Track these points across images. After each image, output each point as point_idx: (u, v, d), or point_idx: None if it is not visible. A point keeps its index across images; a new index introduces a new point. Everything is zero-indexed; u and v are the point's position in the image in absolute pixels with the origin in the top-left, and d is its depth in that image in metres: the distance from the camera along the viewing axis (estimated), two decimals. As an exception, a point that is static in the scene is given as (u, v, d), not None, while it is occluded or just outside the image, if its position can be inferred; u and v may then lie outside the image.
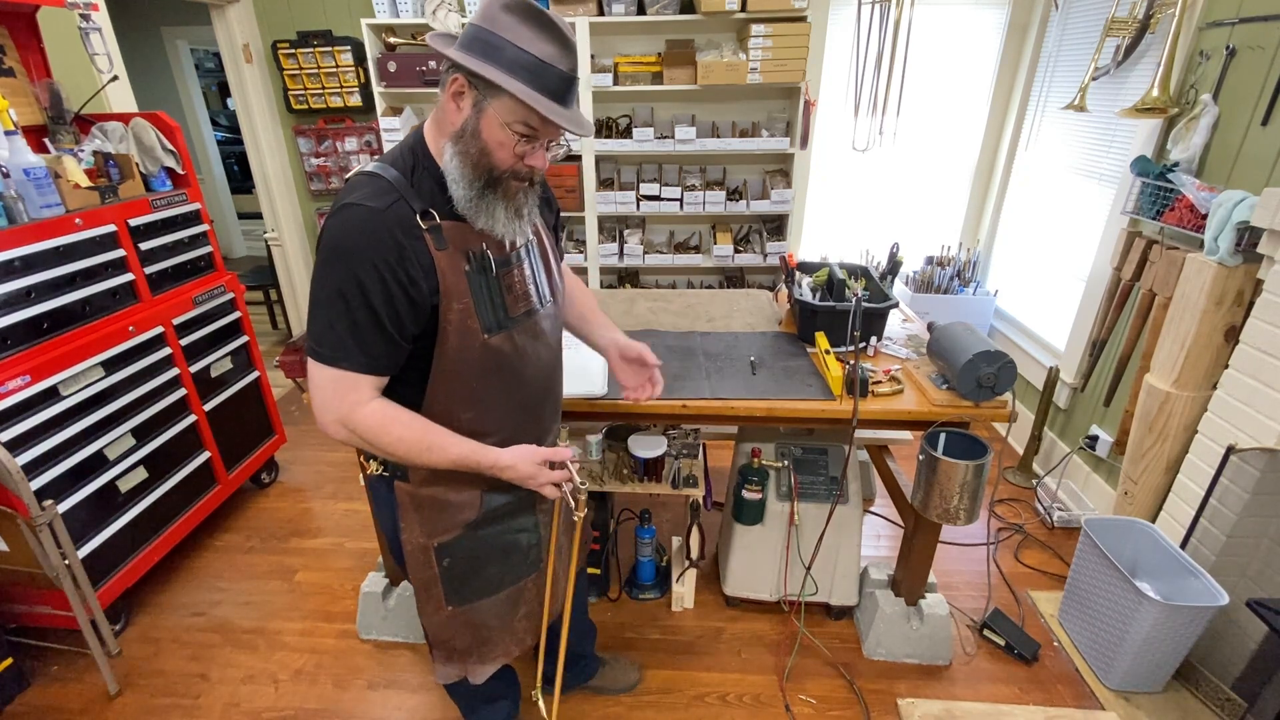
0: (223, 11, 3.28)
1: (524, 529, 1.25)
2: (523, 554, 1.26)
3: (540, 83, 0.91)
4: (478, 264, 1.03)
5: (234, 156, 6.31)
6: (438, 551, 1.17)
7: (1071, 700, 1.77)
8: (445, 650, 1.29)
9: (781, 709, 1.75)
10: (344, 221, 0.93)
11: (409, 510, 1.15)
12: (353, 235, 0.92)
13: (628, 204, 3.16)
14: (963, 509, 1.49)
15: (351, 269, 0.92)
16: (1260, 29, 1.79)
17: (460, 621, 1.24)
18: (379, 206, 0.93)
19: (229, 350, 2.39)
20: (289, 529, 2.48)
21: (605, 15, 2.85)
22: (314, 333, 0.98)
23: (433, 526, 1.15)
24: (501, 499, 1.19)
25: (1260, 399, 1.60)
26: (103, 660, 1.78)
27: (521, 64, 0.90)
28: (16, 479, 1.56)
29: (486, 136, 0.95)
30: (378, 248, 0.92)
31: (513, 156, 0.96)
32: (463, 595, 1.22)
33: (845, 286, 1.87)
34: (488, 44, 0.91)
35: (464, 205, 0.99)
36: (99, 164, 2.01)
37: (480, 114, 0.94)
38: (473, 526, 1.18)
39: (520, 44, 0.90)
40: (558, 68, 0.92)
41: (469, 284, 1.01)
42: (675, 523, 2.45)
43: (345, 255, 0.92)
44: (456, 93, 0.94)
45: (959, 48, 3.12)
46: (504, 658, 1.33)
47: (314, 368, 0.99)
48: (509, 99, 0.92)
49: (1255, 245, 1.66)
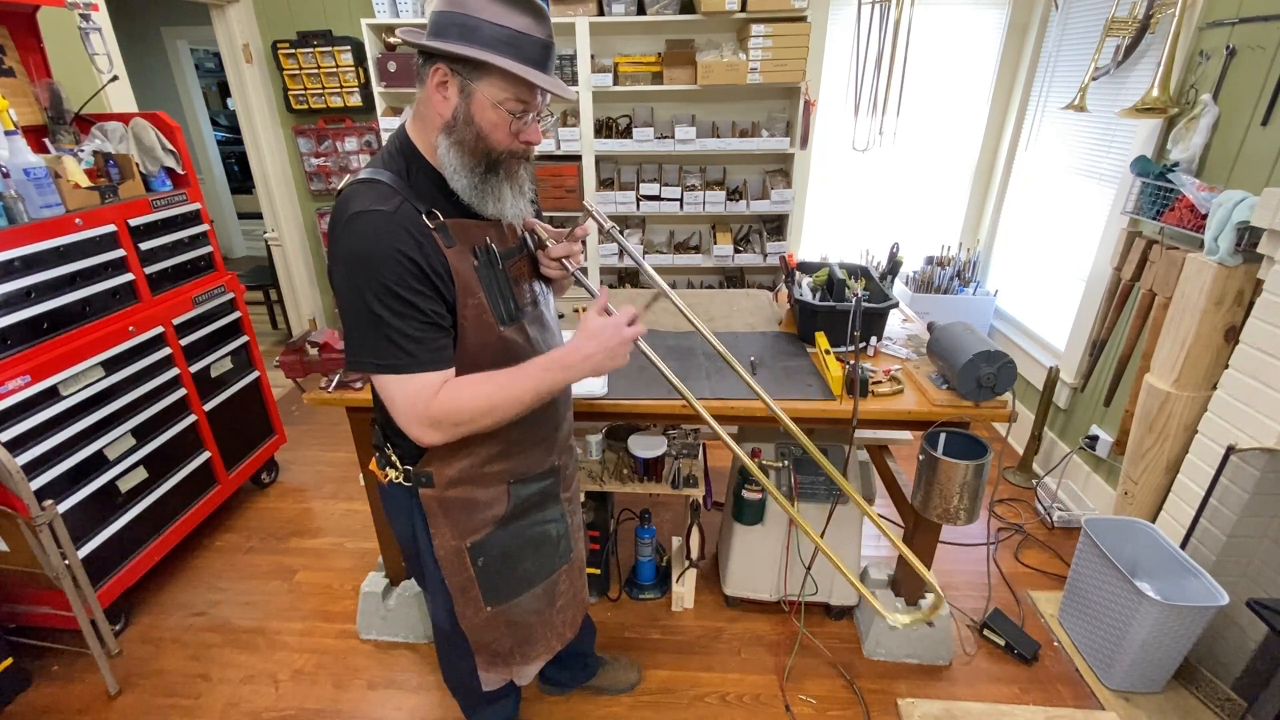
0: (223, 11, 3.28)
1: (552, 519, 1.26)
2: (553, 545, 1.27)
3: (522, 54, 0.91)
4: (485, 258, 1.03)
5: (234, 156, 6.32)
6: (471, 552, 1.16)
7: (1071, 700, 1.77)
8: (488, 655, 1.29)
9: (781, 709, 1.75)
10: (359, 230, 0.92)
11: (437, 515, 1.14)
12: (371, 241, 0.91)
13: (628, 204, 3.16)
14: (963, 509, 1.49)
15: (380, 275, 0.91)
16: (1260, 29, 1.79)
17: (501, 622, 1.25)
18: (388, 210, 0.93)
19: (229, 350, 2.39)
20: (289, 529, 2.48)
21: (605, 15, 2.85)
22: (366, 349, 0.95)
23: (464, 527, 1.15)
24: (528, 489, 1.19)
25: (1260, 399, 1.60)
26: (103, 660, 1.78)
27: (501, 39, 0.90)
28: (16, 479, 1.56)
29: (480, 120, 0.94)
30: (398, 246, 0.92)
31: (509, 135, 0.96)
32: (500, 594, 1.22)
33: (845, 286, 1.87)
34: (463, 26, 0.90)
35: (469, 195, 0.99)
36: (99, 164, 2.01)
37: (469, 99, 0.93)
38: (503, 522, 1.18)
39: (495, 20, 0.89)
40: (535, 36, 0.92)
41: (479, 278, 1.01)
42: (675, 523, 2.45)
43: (370, 263, 0.91)
44: (440, 83, 0.93)
45: (959, 48, 3.12)
46: (546, 654, 1.34)
47: (383, 382, 0.97)
48: (496, 78, 0.91)
49: (1255, 245, 1.66)
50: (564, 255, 1.15)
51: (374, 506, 1.84)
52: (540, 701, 1.76)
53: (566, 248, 1.15)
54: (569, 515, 1.31)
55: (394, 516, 1.25)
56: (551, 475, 1.25)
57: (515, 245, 1.11)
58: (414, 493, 1.14)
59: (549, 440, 1.22)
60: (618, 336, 1.00)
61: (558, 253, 1.14)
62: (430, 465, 1.10)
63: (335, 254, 0.95)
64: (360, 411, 1.68)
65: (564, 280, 1.23)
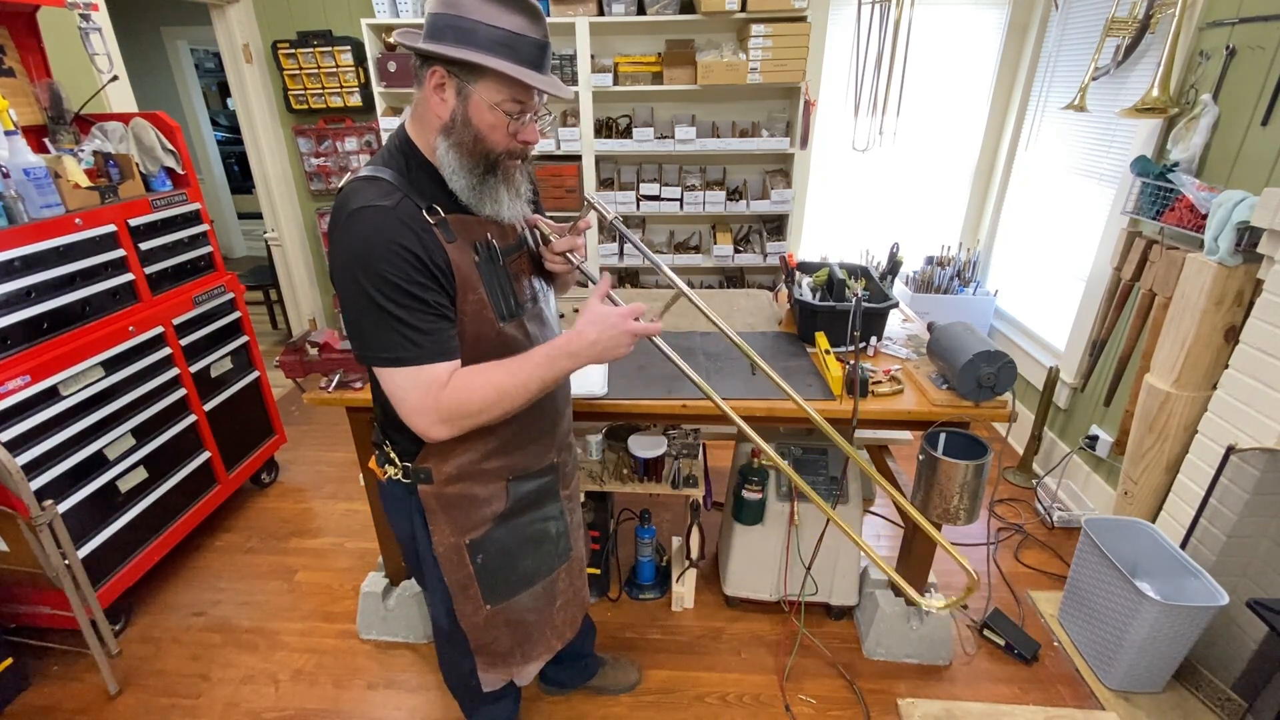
0: (223, 11, 3.28)
1: (551, 517, 1.26)
2: (552, 543, 1.27)
3: (518, 55, 0.91)
4: (485, 254, 1.03)
5: (234, 156, 6.31)
6: (470, 549, 1.17)
7: (1071, 700, 1.77)
8: (488, 656, 1.29)
9: (781, 709, 1.75)
10: (359, 225, 0.92)
11: (436, 512, 1.14)
12: (371, 236, 0.92)
13: (628, 204, 3.16)
14: (963, 509, 1.49)
15: (380, 268, 0.91)
16: (1260, 29, 1.79)
17: (500, 621, 1.25)
18: (388, 204, 0.93)
19: (229, 350, 2.39)
20: (289, 529, 2.48)
21: (605, 15, 2.85)
22: (374, 343, 0.95)
23: (462, 524, 1.15)
24: (527, 486, 1.20)
25: (1260, 399, 1.60)
26: (103, 660, 1.78)
27: (497, 41, 0.90)
28: (16, 479, 1.56)
29: (477, 122, 0.95)
30: (399, 239, 0.92)
31: (506, 136, 0.97)
32: (499, 592, 1.22)
33: (845, 286, 1.87)
34: (458, 29, 0.90)
35: (467, 195, 0.99)
36: (99, 164, 2.01)
37: (466, 101, 0.94)
38: (502, 519, 1.18)
39: (490, 21, 0.89)
40: (531, 37, 0.92)
41: (480, 274, 1.02)
42: (675, 523, 2.45)
43: (371, 257, 0.91)
44: (437, 85, 0.94)
45: (959, 48, 3.12)
46: (546, 654, 1.34)
47: (389, 376, 0.96)
48: (492, 80, 0.92)
49: (1255, 245, 1.66)
50: (567, 249, 1.15)
51: (374, 506, 1.84)
52: (540, 701, 1.76)
53: (569, 241, 1.15)
54: (568, 513, 1.31)
55: (393, 514, 1.25)
56: (550, 472, 1.25)
57: (515, 241, 1.11)
58: (412, 489, 1.14)
59: (548, 437, 1.23)
60: (621, 325, 1.00)
61: (561, 247, 1.15)
62: (428, 461, 1.10)
63: (336, 251, 0.95)
64: (360, 411, 1.68)
65: (567, 276, 1.24)
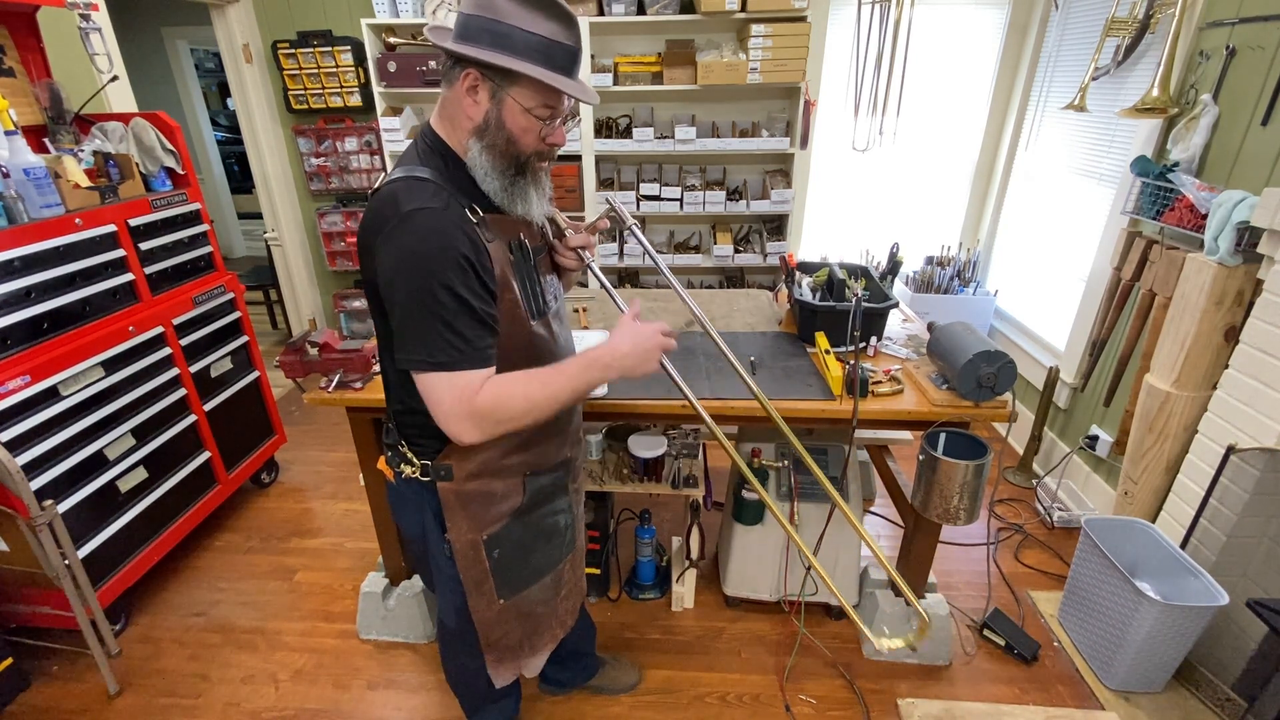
0: (223, 11, 3.28)
1: (560, 510, 1.27)
2: (561, 535, 1.28)
3: (553, 62, 0.92)
4: (519, 253, 1.05)
5: (234, 156, 6.31)
6: (487, 544, 1.17)
7: (1071, 700, 1.77)
8: (498, 651, 1.30)
9: (781, 709, 1.75)
10: (416, 228, 0.92)
11: (455, 508, 1.14)
12: (429, 239, 0.92)
13: (628, 204, 3.16)
14: (963, 509, 1.49)
15: (440, 274, 0.92)
16: (1260, 29, 1.79)
17: (512, 614, 1.26)
18: (439, 206, 0.93)
19: (229, 350, 2.39)
20: (289, 529, 2.48)
21: (605, 15, 2.85)
22: (420, 345, 0.95)
23: (480, 520, 1.16)
24: (542, 481, 1.21)
25: (1260, 399, 1.60)
26: (103, 660, 1.78)
27: (533, 47, 0.91)
28: (16, 479, 1.56)
29: (511, 125, 0.96)
30: (455, 244, 0.93)
31: (537, 140, 0.99)
32: (513, 586, 1.23)
33: (845, 286, 1.87)
34: (495, 33, 0.90)
35: (500, 197, 1.01)
36: (99, 164, 2.01)
37: (500, 104, 0.95)
38: (518, 514, 1.19)
39: (526, 27, 0.90)
40: (566, 44, 0.93)
41: (514, 273, 1.03)
42: (675, 523, 2.45)
43: (429, 259, 0.92)
44: (471, 87, 0.94)
45: (959, 48, 3.12)
46: (551, 643, 1.36)
47: (430, 379, 0.96)
48: (527, 85, 0.93)
49: (1255, 245, 1.66)
50: (581, 245, 1.17)
51: (374, 506, 1.83)
52: (540, 701, 1.76)
53: (584, 238, 1.18)
54: (575, 506, 1.33)
55: (403, 514, 1.25)
56: (563, 467, 1.26)
57: (541, 241, 1.14)
58: (430, 487, 1.14)
59: (563, 433, 1.24)
60: (653, 340, 1.04)
61: (576, 242, 1.17)
62: (450, 458, 1.11)
63: (389, 252, 0.93)
64: (360, 411, 1.68)
65: (571, 275, 1.25)
